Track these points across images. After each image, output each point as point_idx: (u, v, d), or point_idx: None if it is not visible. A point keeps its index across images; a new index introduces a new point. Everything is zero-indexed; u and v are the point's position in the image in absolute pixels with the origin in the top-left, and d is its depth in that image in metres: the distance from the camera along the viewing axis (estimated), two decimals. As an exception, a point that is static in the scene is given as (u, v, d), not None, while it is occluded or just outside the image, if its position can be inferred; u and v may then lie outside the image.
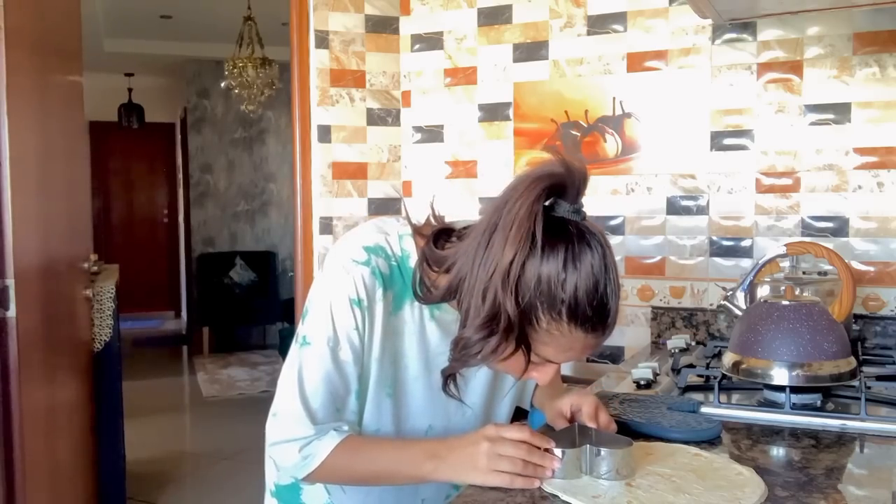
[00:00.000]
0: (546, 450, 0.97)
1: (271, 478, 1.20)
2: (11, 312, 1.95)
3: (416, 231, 1.10)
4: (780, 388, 1.32)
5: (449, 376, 1.04)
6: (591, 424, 1.07)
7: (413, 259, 1.08)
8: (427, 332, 1.11)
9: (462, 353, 0.98)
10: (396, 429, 1.13)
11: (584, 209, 0.95)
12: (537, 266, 0.91)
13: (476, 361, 0.98)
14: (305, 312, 1.09)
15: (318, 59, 2.34)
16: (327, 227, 2.37)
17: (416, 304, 1.09)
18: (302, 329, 1.08)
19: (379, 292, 1.06)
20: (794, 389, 1.31)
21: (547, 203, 0.92)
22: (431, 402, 1.14)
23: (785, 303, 1.37)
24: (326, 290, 1.06)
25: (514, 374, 1.02)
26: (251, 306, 7.05)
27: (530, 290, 0.91)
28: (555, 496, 0.95)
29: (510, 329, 0.93)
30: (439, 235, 1.07)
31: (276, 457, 1.06)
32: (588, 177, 0.94)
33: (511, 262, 0.91)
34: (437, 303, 1.06)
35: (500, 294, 0.92)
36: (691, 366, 1.60)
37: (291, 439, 1.03)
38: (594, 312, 0.94)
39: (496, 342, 0.94)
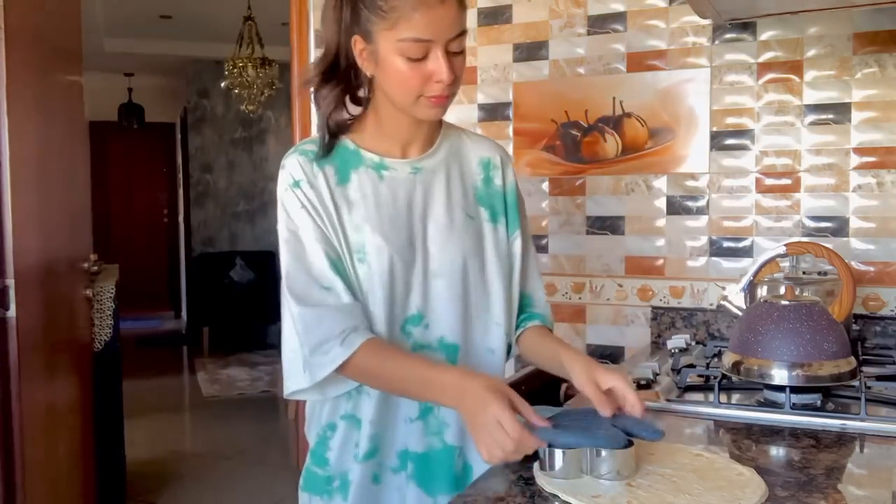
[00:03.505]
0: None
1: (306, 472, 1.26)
2: (11, 312, 1.96)
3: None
4: (780, 388, 1.32)
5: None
6: (626, 404, 1.05)
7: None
8: (381, 194, 1.19)
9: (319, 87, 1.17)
10: (382, 297, 1.16)
11: None
12: None
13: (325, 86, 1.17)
14: None
15: (318, 59, 2.34)
16: (327, 227, 2.36)
17: (364, 171, 1.19)
18: None
19: (314, 166, 1.17)
20: (794, 389, 1.31)
21: None
22: (403, 265, 1.17)
23: (785, 303, 1.37)
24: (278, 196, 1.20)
25: (412, 87, 1.10)
26: (251, 306, 7.05)
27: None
28: (555, 496, 0.95)
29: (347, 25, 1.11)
30: None
31: (286, 370, 1.18)
32: None
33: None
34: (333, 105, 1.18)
35: (330, 29, 1.14)
36: (691, 366, 1.60)
37: (289, 351, 1.17)
38: None
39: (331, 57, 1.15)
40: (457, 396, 1.04)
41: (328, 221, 1.16)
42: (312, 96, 1.21)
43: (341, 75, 1.17)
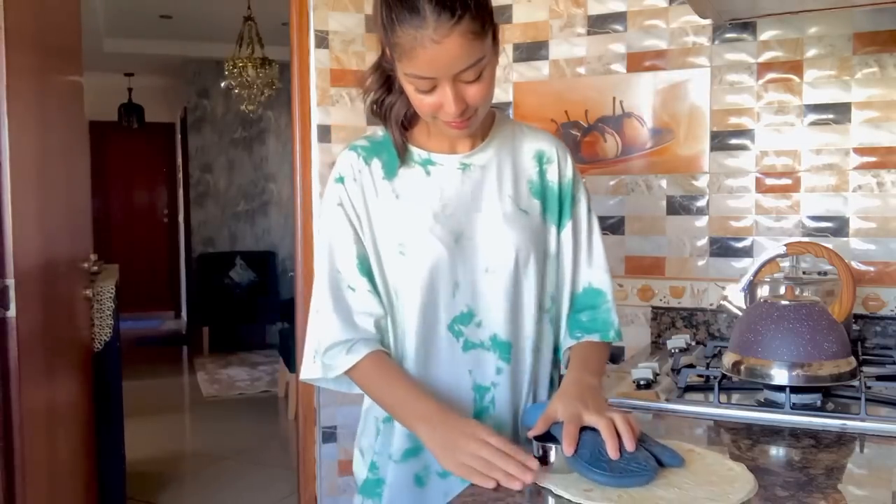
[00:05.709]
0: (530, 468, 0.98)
1: (360, 476, 1.26)
2: (11, 312, 1.95)
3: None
4: (780, 388, 1.32)
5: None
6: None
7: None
8: (427, 189, 1.19)
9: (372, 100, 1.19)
10: (423, 292, 1.15)
11: None
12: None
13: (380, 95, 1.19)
14: None
15: (318, 59, 2.34)
16: (327, 227, 2.36)
17: (411, 166, 1.20)
18: None
19: (360, 163, 1.20)
20: (794, 389, 1.31)
21: None
22: (449, 260, 1.16)
23: (785, 303, 1.37)
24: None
25: (426, 112, 1.12)
26: (251, 306, 7.05)
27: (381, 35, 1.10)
28: (548, 490, 0.95)
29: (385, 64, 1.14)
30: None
31: (304, 357, 1.20)
32: None
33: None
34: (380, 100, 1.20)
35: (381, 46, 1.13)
36: (691, 366, 1.60)
37: (309, 343, 1.19)
38: (404, 6, 1.04)
39: (380, 77, 1.17)
40: (433, 421, 1.05)
41: (364, 220, 1.18)
42: (371, 105, 1.20)
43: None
